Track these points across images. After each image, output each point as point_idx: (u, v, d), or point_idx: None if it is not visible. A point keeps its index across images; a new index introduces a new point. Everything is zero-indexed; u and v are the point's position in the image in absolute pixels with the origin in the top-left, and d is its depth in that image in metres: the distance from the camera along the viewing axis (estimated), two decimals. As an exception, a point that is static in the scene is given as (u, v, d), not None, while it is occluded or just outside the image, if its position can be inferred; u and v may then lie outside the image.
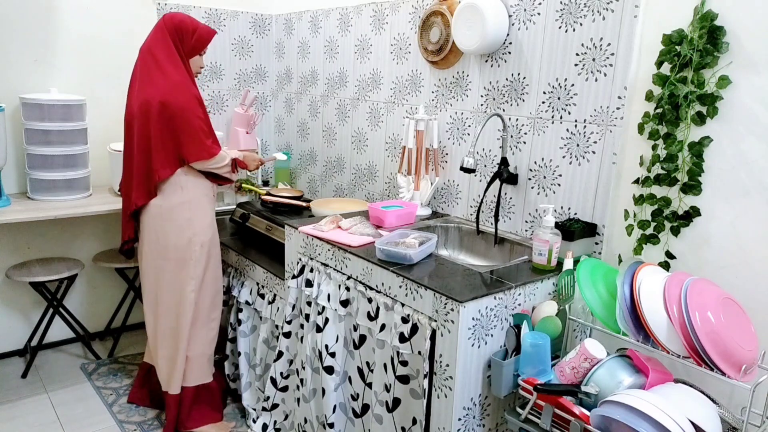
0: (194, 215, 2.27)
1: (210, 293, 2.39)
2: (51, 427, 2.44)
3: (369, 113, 2.77)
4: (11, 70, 2.75)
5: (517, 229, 2.14)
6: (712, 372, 1.39)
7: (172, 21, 2.23)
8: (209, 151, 2.21)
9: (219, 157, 2.23)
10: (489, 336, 1.63)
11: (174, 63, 2.20)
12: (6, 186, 2.73)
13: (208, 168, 2.25)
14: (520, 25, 2.05)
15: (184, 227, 2.25)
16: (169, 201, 2.24)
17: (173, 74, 2.17)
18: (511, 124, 2.12)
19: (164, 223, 2.25)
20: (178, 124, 2.15)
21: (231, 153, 2.36)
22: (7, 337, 2.97)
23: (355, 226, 2.07)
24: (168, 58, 2.19)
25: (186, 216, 2.25)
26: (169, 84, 2.15)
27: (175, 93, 2.15)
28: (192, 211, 2.26)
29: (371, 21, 2.69)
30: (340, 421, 2.03)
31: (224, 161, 2.27)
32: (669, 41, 1.63)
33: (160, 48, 2.20)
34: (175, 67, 2.19)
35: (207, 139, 2.20)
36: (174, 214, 2.24)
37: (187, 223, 2.26)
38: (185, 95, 2.17)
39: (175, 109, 2.14)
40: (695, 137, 1.62)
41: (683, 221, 1.67)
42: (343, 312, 1.95)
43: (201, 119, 2.20)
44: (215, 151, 2.22)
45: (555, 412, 1.48)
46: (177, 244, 2.26)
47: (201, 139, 2.19)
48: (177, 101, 2.15)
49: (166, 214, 2.24)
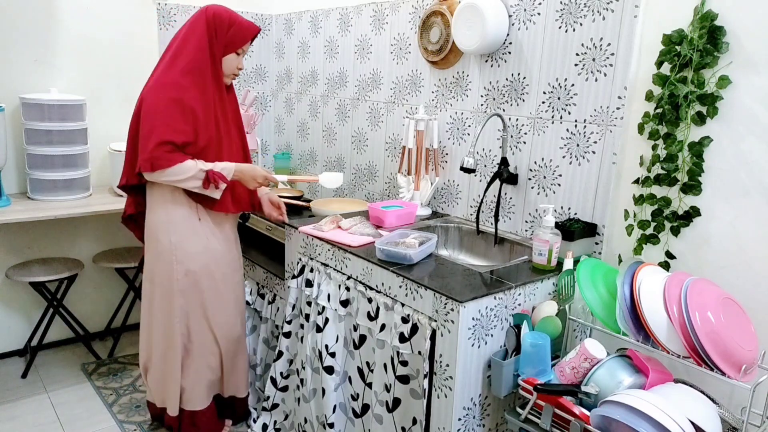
0: (180, 239, 2.03)
1: (208, 327, 2.15)
2: (51, 427, 2.44)
3: (369, 113, 2.77)
4: (11, 70, 2.75)
5: (517, 229, 2.14)
6: (712, 372, 1.39)
7: (206, 13, 2.00)
8: (151, 159, 1.88)
9: (175, 170, 1.90)
10: (489, 336, 1.63)
11: (197, 60, 1.96)
12: (6, 186, 2.72)
13: (164, 181, 1.94)
14: (520, 25, 2.05)
15: (166, 250, 2.04)
16: (156, 217, 2.04)
17: (173, 72, 1.94)
18: (511, 124, 2.12)
19: (149, 242, 2.08)
20: (140, 127, 1.94)
21: (214, 165, 1.97)
22: (7, 337, 2.97)
23: (355, 226, 2.07)
24: (184, 52, 1.96)
25: (168, 238, 2.03)
26: (159, 81, 1.95)
27: (157, 92, 1.93)
28: (177, 234, 2.03)
29: (371, 21, 2.69)
30: (340, 421, 2.03)
31: (184, 173, 1.91)
32: (669, 41, 1.63)
33: (185, 40, 1.98)
34: (186, 64, 1.95)
35: (150, 144, 1.88)
36: (159, 234, 2.04)
37: (169, 246, 2.03)
38: (165, 96, 1.92)
39: (144, 109, 1.93)
40: (695, 137, 1.62)
41: (683, 221, 1.67)
42: (343, 312, 1.95)
43: (165, 122, 1.89)
44: (163, 163, 1.89)
45: (555, 412, 1.48)
46: (160, 268, 2.06)
47: (145, 145, 1.89)
48: (149, 102, 1.93)
49: (152, 231, 2.07)
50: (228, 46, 2.01)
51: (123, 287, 3.15)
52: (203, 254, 2.08)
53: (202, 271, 2.08)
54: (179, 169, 1.91)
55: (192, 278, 2.07)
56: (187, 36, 1.99)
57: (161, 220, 2.03)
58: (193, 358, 2.16)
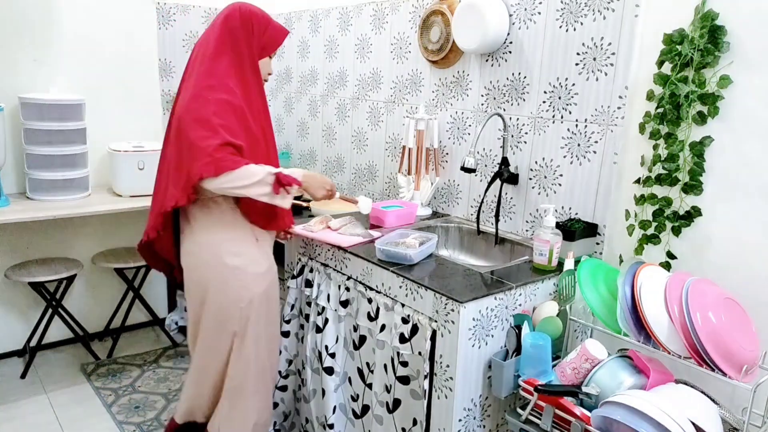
0: (245, 261, 1.83)
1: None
2: (50, 428, 2.43)
3: (369, 113, 2.77)
4: (11, 70, 2.74)
5: (517, 229, 2.14)
6: (713, 372, 1.39)
7: (241, 13, 1.82)
8: (214, 162, 1.64)
9: (240, 172, 1.66)
10: (489, 336, 1.62)
11: (238, 65, 1.80)
12: (5, 186, 2.72)
13: (226, 188, 1.68)
14: (520, 25, 2.05)
15: (230, 275, 1.82)
16: (212, 238, 1.81)
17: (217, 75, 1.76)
18: (511, 123, 2.12)
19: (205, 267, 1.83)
20: (184, 138, 1.70)
21: (277, 169, 1.76)
22: (6, 337, 2.96)
23: (344, 227, 2.06)
24: (224, 55, 1.79)
25: (233, 261, 1.81)
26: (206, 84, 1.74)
27: (207, 95, 1.72)
28: (242, 256, 1.82)
29: (371, 20, 2.69)
30: (340, 421, 2.02)
31: (252, 177, 1.68)
32: (670, 41, 1.63)
33: (221, 41, 1.80)
34: (236, 70, 1.79)
35: (209, 147, 1.65)
36: (223, 257, 1.80)
37: (233, 270, 1.81)
38: (216, 98, 1.72)
39: (194, 114, 1.71)
40: (696, 137, 1.62)
41: (684, 221, 1.66)
42: (343, 312, 1.95)
43: (222, 124, 1.69)
44: (229, 164, 1.65)
45: (556, 413, 1.48)
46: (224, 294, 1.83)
47: (203, 149, 1.65)
48: (201, 106, 1.71)
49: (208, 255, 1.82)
50: (265, 49, 1.88)
51: (122, 287, 3.15)
52: (267, 276, 1.90)
53: (264, 296, 1.90)
54: (246, 173, 1.67)
55: (257, 303, 1.87)
56: (223, 37, 1.81)
57: (222, 242, 1.81)
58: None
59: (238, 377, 1.92)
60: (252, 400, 1.96)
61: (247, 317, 1.86)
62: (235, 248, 1.83)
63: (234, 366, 1.91)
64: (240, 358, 1.91)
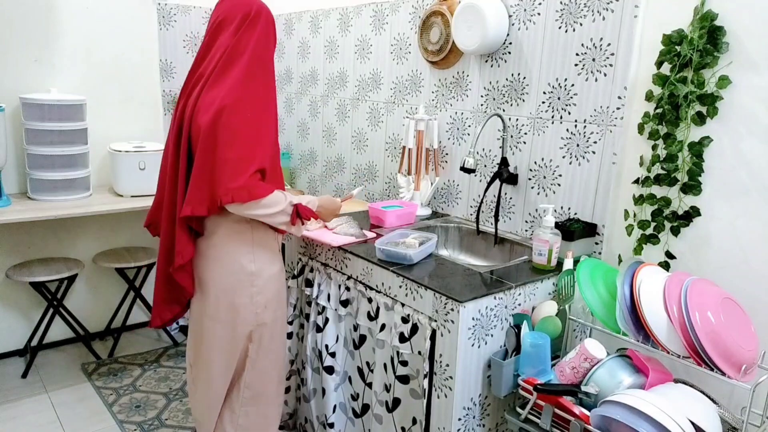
0: (260, 267, 1.80)
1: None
2: (51, 427, 2.44)
3: (369, 113, 2.78)
4: (11, 70, 2.75)
5: (517, 229, 2.14)
6: (712, 372, 1.39)
7: (271, 18, 1.78)
8: (248, 188, 1.62)
9: (266, 201, 1.66)
10: (489, 336, 1.63)
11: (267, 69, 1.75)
12: (6, 186, 2.73)
13: (250, 214, 1.67)
14: (520, 25, 2.05)
15: (245, 281, 1.79)
16: (235, 247, 1.77)
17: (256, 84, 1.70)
18: (511, 124, 2.12)
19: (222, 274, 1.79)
20: (219, 147, 1.62)
21: (297, 198, 1.76)
22: (7, 337, 2.97)
23: (340, 226, 2.06)
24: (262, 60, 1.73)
25: (250, 268, 1.79)
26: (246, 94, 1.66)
27: (246, 108, 1.65)
28: (258, 261, 1.80)
29: (371, 21, 2.69)
30: (340, 421, 2.03)
31: (275, 206, 1.68)
32: (669, 41, 1.63)
33: (259, 44, 1.72)
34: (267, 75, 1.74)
35: (245, 172, 1.62)
36: (242, 263, 1.78)
37: (249, 276, 1.79)
38: (257, 113, 1.67)
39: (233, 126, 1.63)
40: (695, 137, 1.62)
41: (683, 221, 1.67)
42: (343, 312, 1.95)
43: (258, 144, 1.65)
44: (260, 191, 1.64)
45: (555, 412, 1.48)
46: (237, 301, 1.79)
47: (236, 170, 1.61)
48: (240, 119, 1.63)
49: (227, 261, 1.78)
50: (274, 47, 1.85)
51: (123, 287, 3.15)
52: (278, 279, 1.87)
53: (277, 298, 1.88)
54: (272, 200, 1.67)
55: (273, 307, 1.86)
56: (262, 44, 1.74)
57: (239, 247, 1.77)
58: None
59: (257, 385, 1.89)
60: (274, 405, 1.96)
61: (264, 322, 1.83)
62: (252, 254, 1.79)
63: (251, 373, 1.87)
64: (258, 365, 1.87)
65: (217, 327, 1.82)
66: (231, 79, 1.67)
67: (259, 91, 1.70)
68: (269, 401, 1.94)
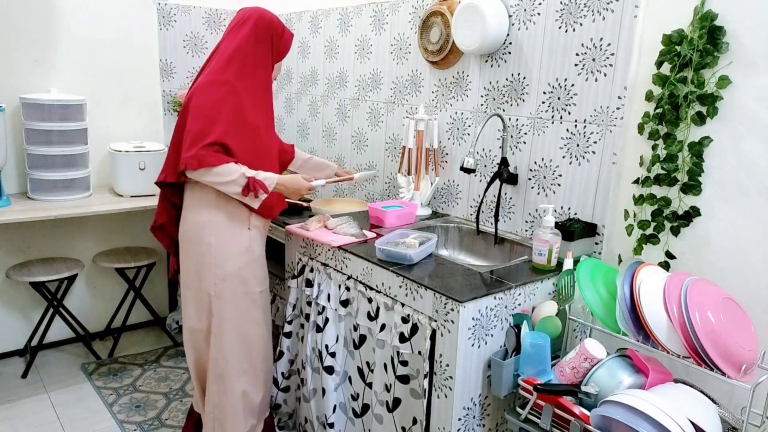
0: (219, 241, 1.94)
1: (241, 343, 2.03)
2: (51, 427, 2.44)
3: (369, 113, 2.78)
4: (11, 70, 2.75)
5: (517, 229, 2.15)
6: (712, 372, 1.39)
7: (264, 19, 1.99)
8: (198, 156, 1.82)
9: (218, 170, 1.83)
10: (489, 336, 1.63)
11: (244, 63, 1.94)
12: (6, 186, 2.73)
13: (205, 181, 1.87)
14: (520, 25, 2.05)
15: (204, 253, 1.95)
16: (197, 218, 1.96)
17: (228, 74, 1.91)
18: (511, 124, 2.12)
19: (186, 244, 2.00)
20: (187, 124, 1.88)
21: (257, 173, 1.90)
22: (7, 337, 2.97)
23: (340, 226, 2.07)
24: (240, 56, 1.93)
25: (209, 240, 1.94)
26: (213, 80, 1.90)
27: (211, 90, 1.89)
28: (216, 236, 1.94)
29: (371, 21, 2.69)
30: (340, 421, 2.03)
31: (228, 175, 1.85)
32: (669, 41, 1.63)
33: (243, 44, 1.95)
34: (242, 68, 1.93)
35: (199, 143, 1.83)
36: (201, 235, 1.95)
37: (207, 248, 1.95)
38: (218, 95, 1.88)
39: (195, 105, 1.88)
40: (695, 137, 1.62)
41: (683, 221, 1.67)
42: (343, 312, 1.95)
43: (216, 121, 1.85)
44: (211, 159, 1.83)
45: (555, 412, 1.48)
46: (198, 272, 1.97)
47: (193, 142, 1.84)
48: (203, 99, 1.88)
49: (191, 233, 1.98)
50: (280, 53, 2.05)
51: (123, 287, 3.15)
52: (242, 256, 1.98)
53: (238, 275, 1.98)
54: (224, 170, 1.84)
55: (229, 283, 1.97)
56: (246, 40, 1.95)
57: (203, 220, 1.95)
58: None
59: (219, 363, 2.00)
60: (234, 396, 2.02)
61: (221, 294, 1.96)
62: (213, 227, 1.94)
63: (214, 348, 2.00)
64: (218, 341, 1.99)
65: (189, 295, 2.02)
66: (210, 68, 1.95)
67: (231, 77, 1.91)
68: (228, 388, 2.01)
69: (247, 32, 1.96)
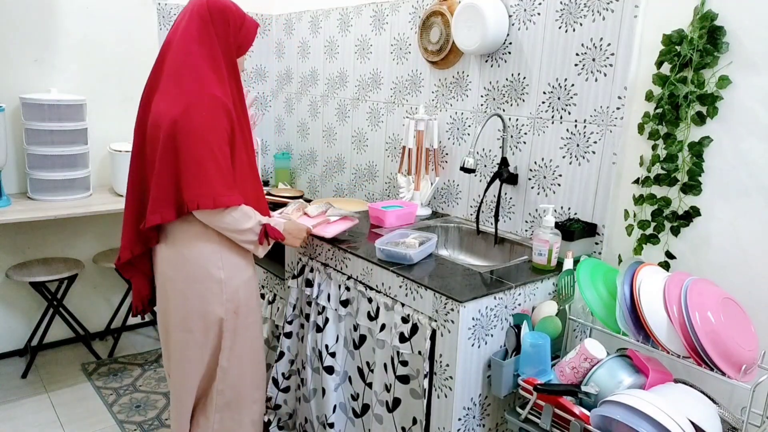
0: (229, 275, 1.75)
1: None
2: (51, 427, 2.44)
3: (369, 113, 2.78)
4: (11, 70, 2.75)
5: (517, 229, 2.15)
6: (712, 372, 1.39)
7: (216, 6, 1.67)
8: (214, 195, 1.58)
9: (236, 214, 1.64)
10: (489, 336, 1.63)
11: (216, 68, 1.66)
12: (6, 186, 2.73)
13: (218, 226, 1.66)
14: (520, 25, 2.05)
15: (215, 288, 1.74)
16: (199, 251, 1.71)
17: (211, 84, 1.64)
18: (511, 124, 2.12)
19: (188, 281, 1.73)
20: (182, 153, 1.59)
21: (264, 218, 1.74)
22: (7, 337, 2.97)
23: (327, 212, 2.02)
24: (209, 59, 1.65)
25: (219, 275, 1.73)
26: (196, 97, 1.61)
27: (198, 109, 1.60)
28: (227, 269, 1.74)
29: (371, 21, 2.69)
30: (340, 421, 2.03)
31: (245, 222, 1.66)
32: (669, 41, 1.63)
33: (200, 43, 1.65)
34: (216, 74, 1.66)
35: (217, 180, 1.60)
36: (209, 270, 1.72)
37: (219, 283, 1.74)
38: (210, 115, 1.61)
39: (185, 132, 1.59)
40: (695, 137, 1.62)
41: (683, 221, 1.67)
42: (343, 312, 1.95)
43: (216, 153, 1.61)
44: (227, 200, 1.60)
45: (555, 412, 1.48)
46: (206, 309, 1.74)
47: (203, 177, 1.58)
48: (192, 122, 1.59)
49: (194, 267, 1.71)
50: (241, 47, 1.77)
51: (123, 287, 3.15)
52: (248, 284, 1.82)
53: (247, 306, 1.83)
54: (241, 213, 1.65)
55: (241, 315, 1.81)
56: (197, 41, 1.66)
57: (206, 253, 1.70)
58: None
59: (229, 392, 1.86)
60: (251, 409, 1.94)
61: (234, 329, 1.80)
62: (220, 260, 1.73)
63: (223, 381, 1.84)
64: (229, 373, 1.84)
65: (188, 338, 1.77)
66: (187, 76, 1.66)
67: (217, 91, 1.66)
68: (243, 406, 1.91)
69: (197, 29, 1.66)
